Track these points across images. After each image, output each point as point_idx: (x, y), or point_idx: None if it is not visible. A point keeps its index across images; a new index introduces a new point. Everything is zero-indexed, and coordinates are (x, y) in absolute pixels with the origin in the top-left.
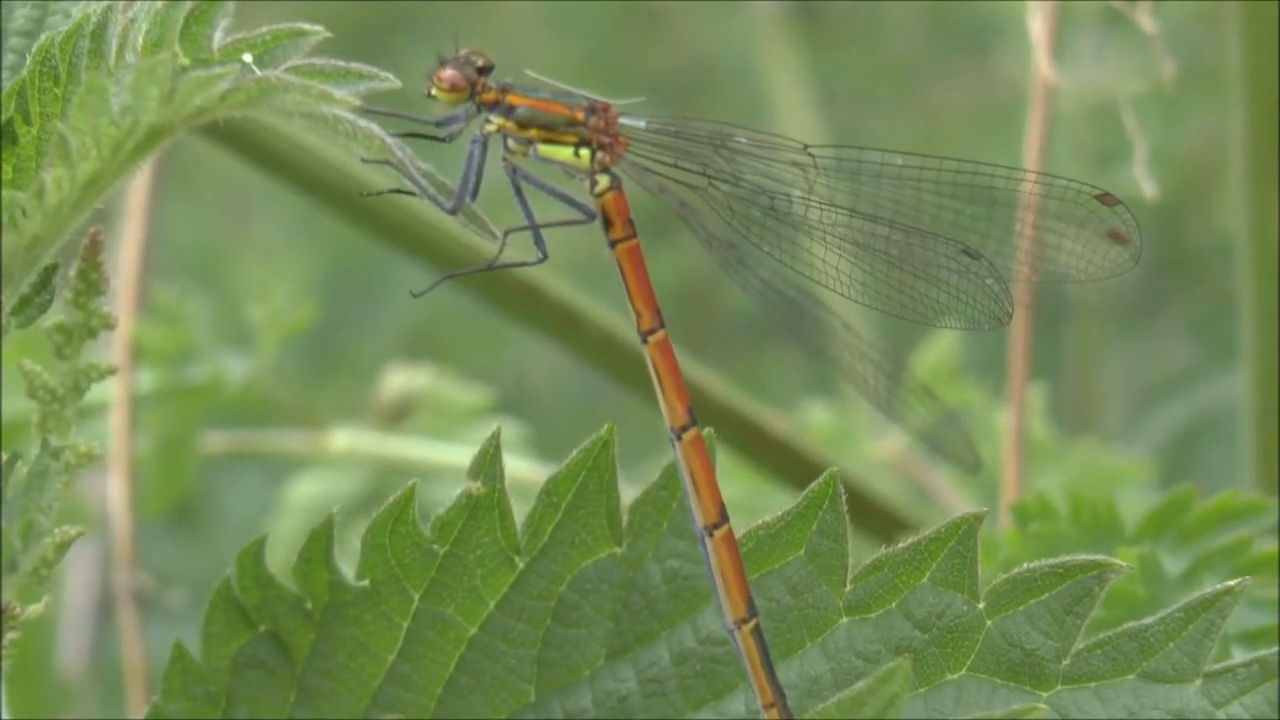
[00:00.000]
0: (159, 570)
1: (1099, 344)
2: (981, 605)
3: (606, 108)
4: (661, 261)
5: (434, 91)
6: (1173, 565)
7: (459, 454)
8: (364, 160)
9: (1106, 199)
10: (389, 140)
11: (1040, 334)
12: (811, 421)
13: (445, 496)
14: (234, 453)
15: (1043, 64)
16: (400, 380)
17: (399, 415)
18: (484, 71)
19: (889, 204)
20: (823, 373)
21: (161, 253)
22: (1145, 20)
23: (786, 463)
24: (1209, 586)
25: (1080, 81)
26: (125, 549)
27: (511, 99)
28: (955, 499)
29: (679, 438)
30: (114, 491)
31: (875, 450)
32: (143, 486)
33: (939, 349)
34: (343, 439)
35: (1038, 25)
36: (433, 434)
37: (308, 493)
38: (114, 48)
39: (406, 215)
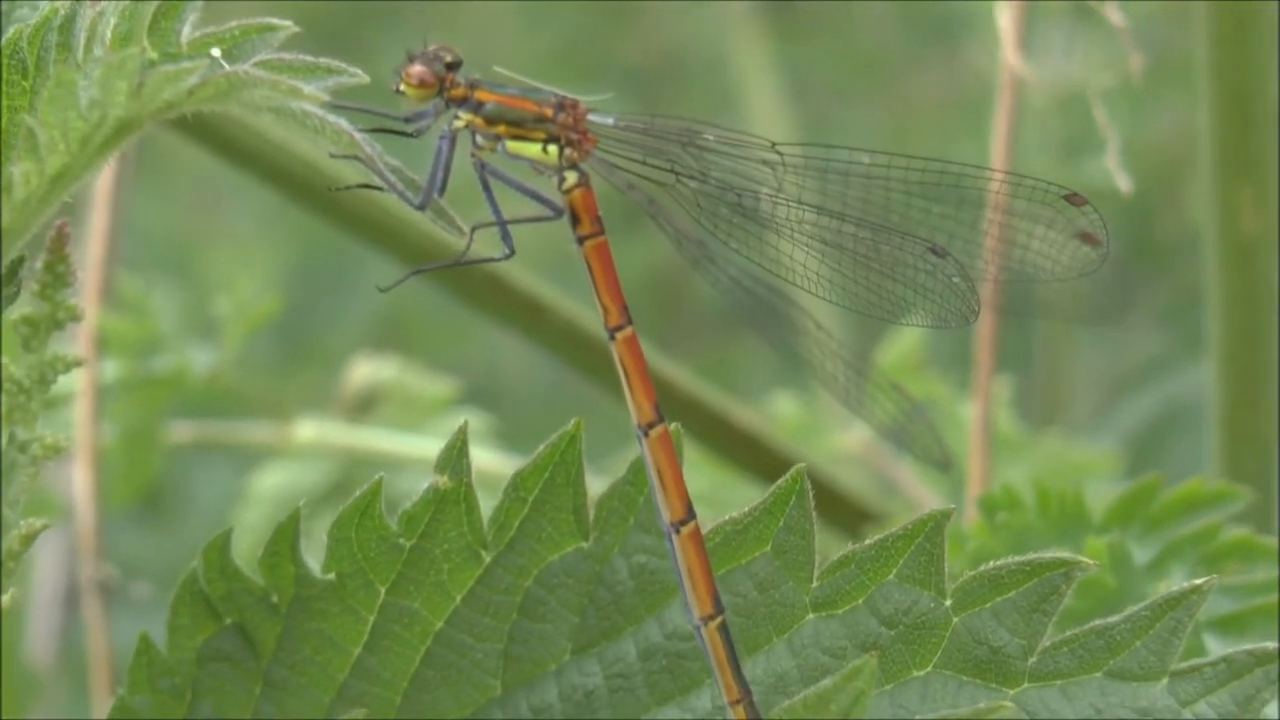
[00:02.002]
0: (125, 560)
1: (1067, 336)
2: (948, 602)
3: (575, 104)
4: (631, 253)
5: (402, 87)
6: (1141, 554)
7: (425, 445)
8: (333, 155)
9: (1074, 199)
10: (357, 136)
11: (1009, 326)
12: (778, 413)
13: (412, 488)
14: (200, 443)
15: (1010, 58)
16: (366, 371)
17: (365, 406)
18: (452, 67)
19: (857, 202)
20: (791, 365)
21: (132, 243)
22: (1114, 15)
23: (753, 455)
24: (1177, 574)
25: (1049, 74)
26: (90, 540)
27: (480, 95)
28: (921, 491)
29: (646, 434)
30: (79, 482)
31: (842, 442)
32: (108, 477)
33: (904, 343)
34: (308, 430)
35: (1006, 19)
36: (399, 425)
37: (273, 484)
38: (82, 41)
39: (374, 208)
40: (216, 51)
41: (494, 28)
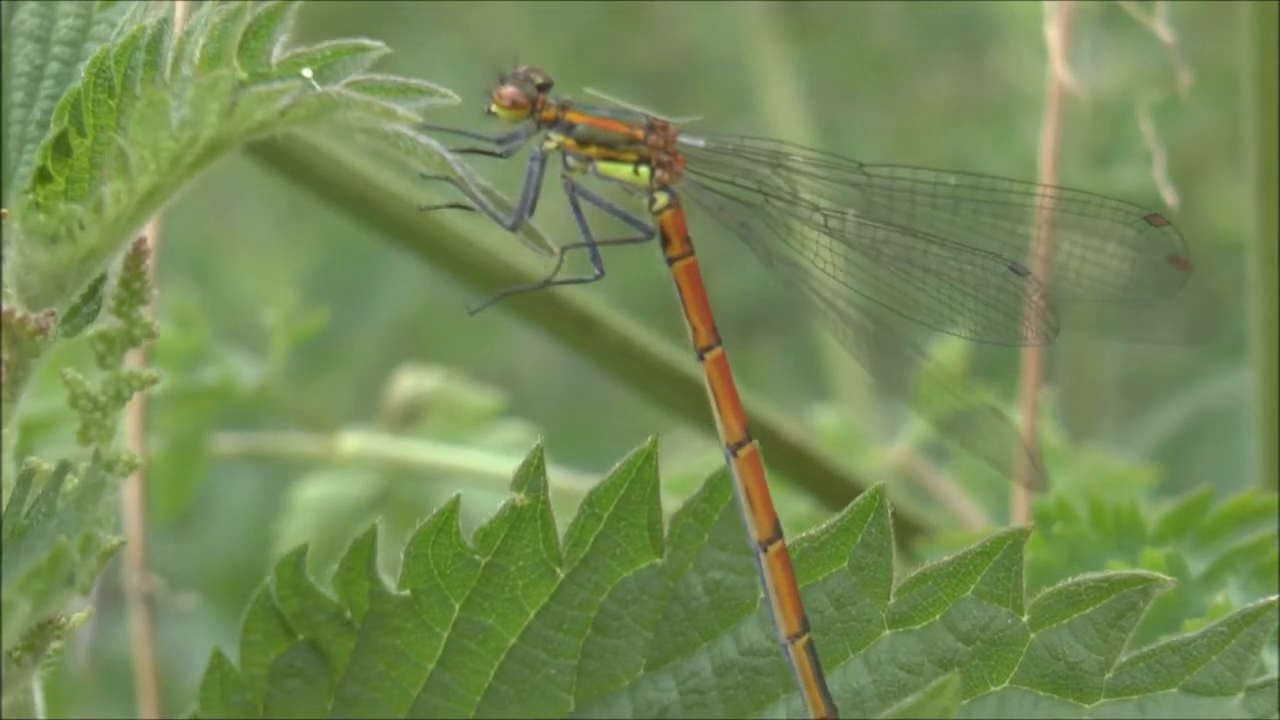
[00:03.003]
0: (156, 566)
1: (1092, 343)
2: (1026, 618)
3: (665, 125)
4: (651, 256)
5: (494, 108)
6: (1195, 565)
7: (469, 457)
8: (424, 176)
9: (1154, 219)
10: (449, 157)
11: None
12: (819, 426)
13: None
14: (245, 455)
15: (1059, 70)
16: (410, 383)
17: (409, 418)
18: (543, 89)
19: (944, 223)
20: (812, 368)
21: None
22: (1162, 30)
23: (799, 467)
24: (1232, 585)
25: (1077, 80)
26: (137, 551)
27: (571, 116)
28: (964, 504)
29: (735, 454)
30: (127, 494)
31: (882, 454)
32: (153, 490)
33: (948, 352)
34: (353, 441)
35: (1054, 31)
36: (443, 437)
37: (316, 495)
38: (169, 60)
39: (423, 218)
40: (308, 72)
41: (504, 27)
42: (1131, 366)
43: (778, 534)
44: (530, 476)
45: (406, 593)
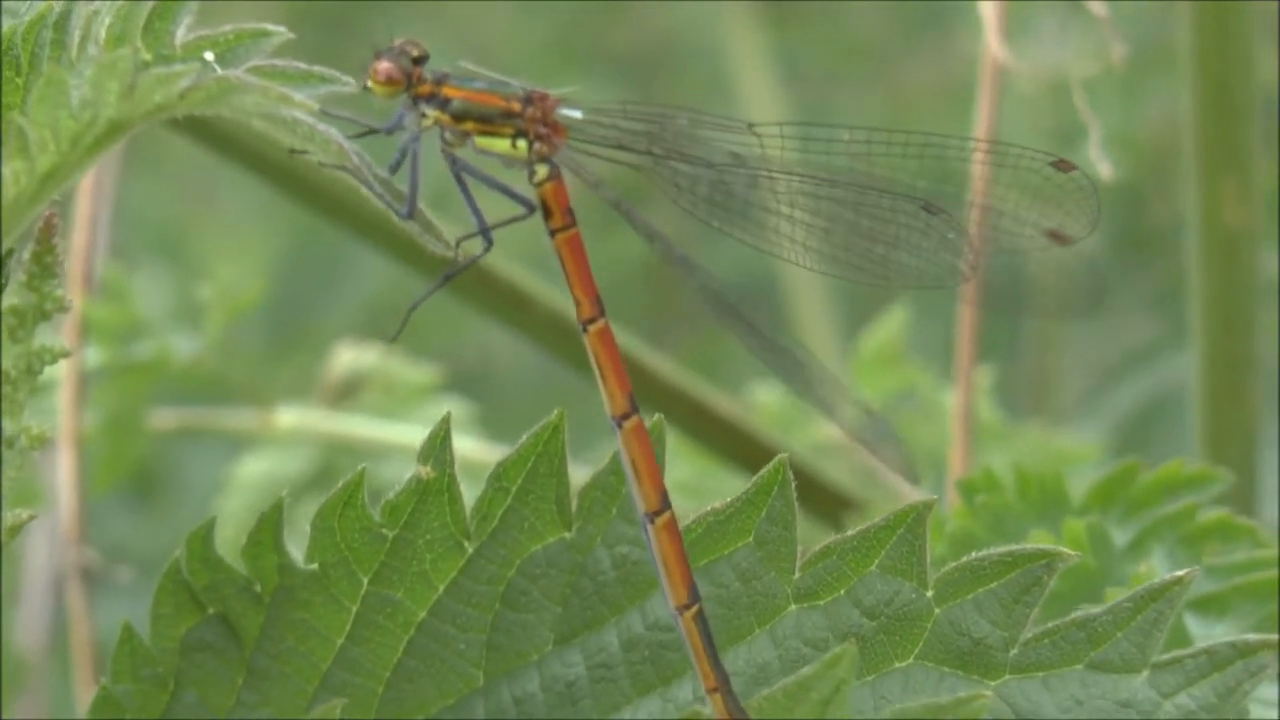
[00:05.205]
0: (118, 545)
1: (1055, 323)
2: (930, 593)
3: (544, 97)
4: (625, 242)
5: (370, 84)
6: (1120, 535)
7: (407, 432)
8: (321, 165)
9: (1062, 165)
10: (346, 146)
11: (996, 314)
12: (760, 403)
13: (395, 475)
14: (183, 430)
15: (993, 45)
16: (349, 358)
17: (347, 393)
18: (419, 62)
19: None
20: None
21: (125, 229)
22: (1096, 6)
23: (735, 444)
24: (1157, 554)
25: (1041, 61)
26: (73, 526)
27: (447, 91)
28: (903, 481)
29: (620, 426)
30: (62, 469)
31: (823, 432)
32: (91, 464)
33: (887, 328)
34: (290, 417)
35: (988, 8)
36: (381, 412)
37: (256, 471)
38: (76, 40)
39: (356, 195)
40: (210, 55)
41: (486, 16)
42: (1096, 345)
43: (665, 506)
44: (436, 449)
45: (314, 566)
